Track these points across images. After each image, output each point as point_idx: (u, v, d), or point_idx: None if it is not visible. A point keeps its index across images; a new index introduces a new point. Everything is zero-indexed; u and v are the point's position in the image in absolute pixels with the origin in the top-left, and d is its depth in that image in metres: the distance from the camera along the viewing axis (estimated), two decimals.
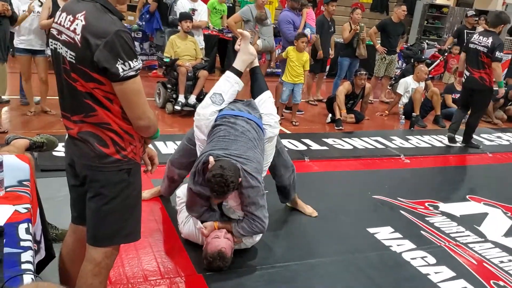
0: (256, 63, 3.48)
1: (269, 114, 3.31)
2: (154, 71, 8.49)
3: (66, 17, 1.85)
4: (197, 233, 3.10)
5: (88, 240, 2.03)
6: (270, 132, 3.27)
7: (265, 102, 3.37)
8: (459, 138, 6.38)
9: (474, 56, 5.92)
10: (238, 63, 3.33)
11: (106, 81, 1.82)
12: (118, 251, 2.11)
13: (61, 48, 1.86)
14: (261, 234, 3.16)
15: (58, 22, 1.89)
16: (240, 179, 2.80)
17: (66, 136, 2.06)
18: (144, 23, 8.38)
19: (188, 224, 3.18)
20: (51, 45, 1.96)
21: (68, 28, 1.84)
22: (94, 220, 1.99)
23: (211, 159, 2.82)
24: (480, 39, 5.90)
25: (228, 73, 3.32)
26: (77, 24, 1.80)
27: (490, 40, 5.77)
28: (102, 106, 1.87)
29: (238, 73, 3.30)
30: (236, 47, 3.39)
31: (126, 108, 1.87)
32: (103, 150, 1.91)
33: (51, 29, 1.97)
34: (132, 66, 1.80)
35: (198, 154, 3.22)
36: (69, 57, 1.83)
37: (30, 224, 1.95)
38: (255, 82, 3.46)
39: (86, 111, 1.88)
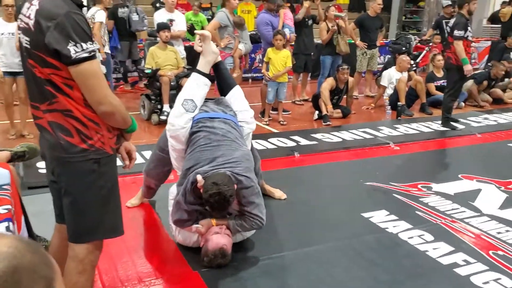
0: (219, 58, 3.34)
1: (243, 111, 3.25)
2: (136, 85, 8.50)
3: (26, 6, 1.84)
4: (193, 236, 3.03)
5: (69, 238, 1.98)
6: (248, 129, 3.23)
7: (237, 99, 3.30)
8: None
9: (445, 38, 6.45)
10: (202, 65, 3.18)
11: (62, 66, 1.78)
12: (101, 247, 2.05)
13: (23, 37, 1.85)
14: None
15: (22, 12, 1.87)
16: (235, 185, 2.75)
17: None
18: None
19: (182, 231, 3.11)
20: (19, 37, 1.93)
21: (25, 15, 1.83)
22: (71, 216, 1.94)
23: (199, 178, 2.72)
24: (450, 22, 6.31)
25: (195, 75, 3.17)
26: (31, 10, 1.79)
27: (453, 20, 6.21)
28: (63, 92, 1.82)
29: (205, 75, 3.18)
30: (197, 48, 3.22)
31: (85, 93, 1.82)
32: (68, 139, 1.86)
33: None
34: (84, 48, 1.76)
35: (174, 163, 3.15)
36: (25, 43, 1.82)
37: (11, 223, 1.90)
38: (221, 78, 3.34)
39: (49, 98, 1.84)
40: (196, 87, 3.13)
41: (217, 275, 2.80)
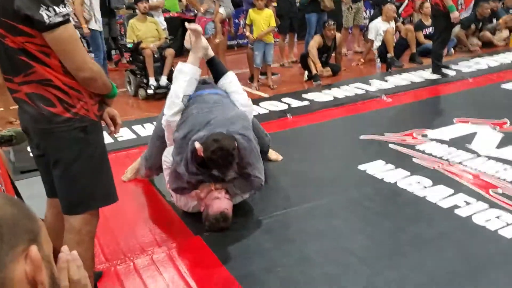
0: (211, 54, 3.27)
1: (235, 92, 3.19)
2: (119, 62, 8.36)
3: None
4: (193, 201, 2.99)
5: (63, 210, 1.94)
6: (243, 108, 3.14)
7: (232, 82, 3.24)
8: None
9: None
10: (192, 60, 3.10)
11: (35, 33, 1.70)
12: (97, 216, 2.02)
13: None
14: None
15: None
16: (235, 142, 2.68)
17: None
18: None
19: (182, 197, 3.06)
20: None
21: None
22: (63, 188, 1.90)
23: (198, 145, 2.64)
24: None
25: (184, 69, 3.07)
26: None
27: None
28: (39, 61, 1.75)
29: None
30: (187, 44, 3.14)
31: (63, 60, 1.74)
32: (51, 110, 1.79)
33: None
34: (58, 12, 1.67)
35: (169, 141, 3.08)
36: None
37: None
38: (215, 69, 3.28)
39: (24, 69, 1.76)
40: (186, 80, 3.03)
41: (219, 237, 2.78)
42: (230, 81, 3.24)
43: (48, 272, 0.82)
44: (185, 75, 3.06)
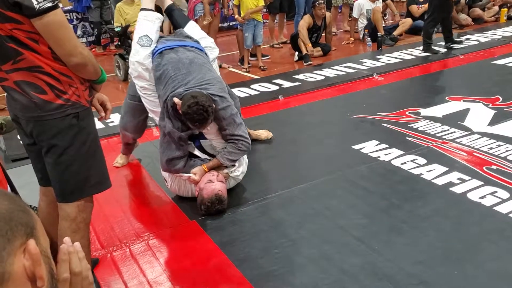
0: (168, 2, 3.25)
1: (203, 38, 3.24)
2: (107, 47, 8.27)
3: None
4: (187, 185, 2.98)
5: (57, 198, 1.92)
6: (212, 54, 3.20)
7: (195, 30, 3.28)
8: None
9: None
10: (146, 3, 3.08)
11: (24, 20, 1.65)
12: (92, 202, 2.00)
13: None
14: (246, 166, 3.08)
15: None
16: (212, 102, 2.72)
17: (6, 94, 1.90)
18: (73, 2, 8.08)
19: (176, 181, 3.05)
20: None
21: None
22: (57, 175, 1.87)
23: (176, 100, 2.70)
24: None
25: (143, 12, 3.07)
26: None
27: None
28: (28, 48, 1.70)
29: (152, 11, 3.08)
30: None
31: (54, 46, 1.70)
32: (42, 97, 1.75)
33: None
34: None
35: (148, 108, 3.09)
36: None
37: None
38: (175, 19, 3.29)
39: (13, 56, 1.71)
40: (148, 23, 3.04)
41: (214, 221, 2.77)
42: (193, 29, 3.27)
43: (46, 266, 0.81)
44: (138, 20, 3.10)
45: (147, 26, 3.03)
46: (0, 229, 0.73)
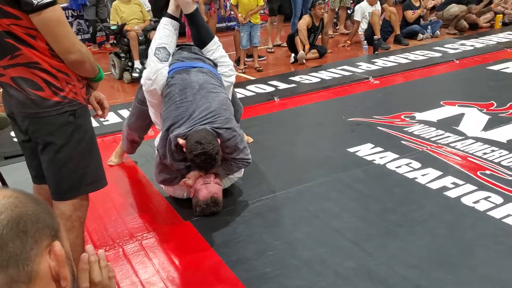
0: (193, 7, 3.04)
1: (222, 63, 3.09)
2: (102, 45, 8.23)
3: None
4: (182, 188, 2.96)
5: (53, 196, 1.90)
6: (226, 82, 3.04)
7: (215, 50, 3.10)
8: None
9: None
10: (172, 10, 2.96)
11: (22, 15, 1.64)
12: (87, 201, 1.98)
13: None
14: (242, 171, 3.07)
15: None
16: (218, 140, 2.61)
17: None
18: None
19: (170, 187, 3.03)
20: None
21: None
22: (52, 173, 1.85)
23: (181, 141, 2.58)
24: None
25: (165, 20, 2.95)
26: None
27: None
28: (26, 44, 1.69)
29: (176, 19, 2.96)
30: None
31: (51, 43, 1.69)
32: (38, 94, 1.74)
33: None
34: None
35: (153, 118, 3.01)
36: None
37: None
38: (198, 30, 3.07)
39: (10, 52, 1.69)
40: (167, 32, 2.92)
41: (209, 222, 2.76)
42: (213, 51, 3.09)
43: (69, 268, 0.84)
44: (160, 27, 2.96)
45: (168, 37, 2.89)
46: (28, 230, 0.77)
